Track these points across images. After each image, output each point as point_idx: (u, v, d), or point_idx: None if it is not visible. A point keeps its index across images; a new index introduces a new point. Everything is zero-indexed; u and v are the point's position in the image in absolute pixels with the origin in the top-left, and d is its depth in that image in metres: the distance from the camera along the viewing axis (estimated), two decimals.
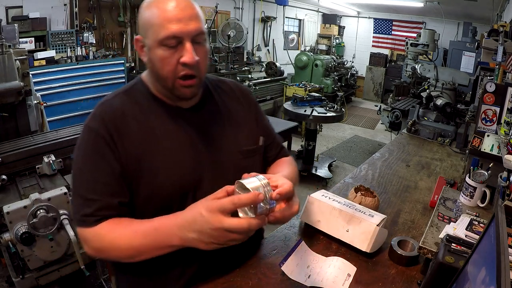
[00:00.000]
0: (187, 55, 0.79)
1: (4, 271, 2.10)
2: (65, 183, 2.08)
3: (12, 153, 2.10)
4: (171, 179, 0.86)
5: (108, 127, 0.83)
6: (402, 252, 1.08)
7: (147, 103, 0.90)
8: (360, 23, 9.51)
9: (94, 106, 0.90)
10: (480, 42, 3.70)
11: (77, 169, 0.85)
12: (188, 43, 0.79)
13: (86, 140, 0.85)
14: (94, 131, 0.83)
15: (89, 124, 0.85)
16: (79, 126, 2.65)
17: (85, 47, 4.37)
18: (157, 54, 0.80)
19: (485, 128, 1.82)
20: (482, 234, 0.70)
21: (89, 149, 0.84)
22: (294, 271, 0.99)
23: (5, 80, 2.32)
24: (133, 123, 0.86)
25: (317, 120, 3.93)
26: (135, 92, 0.92)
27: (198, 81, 0.86)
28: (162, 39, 0.78)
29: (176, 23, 0.77)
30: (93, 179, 0.82)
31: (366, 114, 7.74)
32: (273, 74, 6.00)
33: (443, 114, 3.08)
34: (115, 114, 0.85)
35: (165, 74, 0.82)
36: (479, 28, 6.42)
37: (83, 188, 0.82)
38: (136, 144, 0.85)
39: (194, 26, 0.79)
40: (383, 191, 1.64)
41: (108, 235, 0.80)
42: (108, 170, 0.82)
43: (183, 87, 0.84)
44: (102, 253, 0.83)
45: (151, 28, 0.79)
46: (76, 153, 0.86)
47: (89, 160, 0.84)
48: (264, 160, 1.09)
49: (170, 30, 0.77)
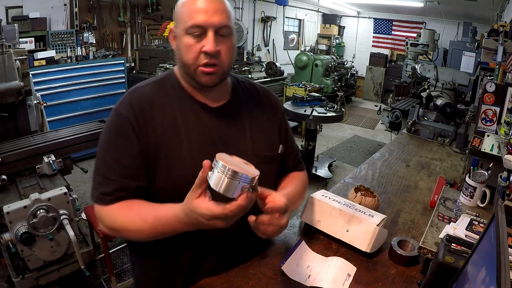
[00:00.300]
0: (208, 44, 0.84)
1: (4, 271, 2.10)
2: (65, 183, 2.08)
3: (12, 153, 2.11)
4: (184, 172, 0.87)
5: (136, 112, 0.88)
6: (402, 252, 1.08)
7: (175, 96, 0.94)
8: (360, 23, 9.51)
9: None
10: (480, 42, 3.70)
11: (101, 149, 0.90)
12: (211, 34, 0.84)
13: (113, 123, 0.90)
14: (122, 115, 0.88)
15: (118, 108, 0.91)
16: (79, 126, 2.65)
17: (85, 47, 4.37)
18: (183, 41, 0.86)
19: (485, 128, 1.82)
20: (482, 234, 0.70)
21: (114, 131, 0.89)
22: (294, 271, 0.99)
23: (5, 80, 2.32)
24: (159, 112, 0.90)
25: (317, 120, 3.93)
26: (166, 83, 0.96)
27: (221, 72, 0.89)
28: (188, 28, 0.84)
29: (202, 14, 0.83)
30: (115, 160, 0.87)
31: (366, 114, 7.74)
32: (273, 74, 5.99)
33: (443, 114, 3.08)
34: (143, 101, 0.90)
35: (188, 61, 0.87)
36: (479, 28, 6.42)
37: (105, 168, 0.87)
38: (159, 133, 0.89)
39: (218, 19, 0.84)
40: (383, 191, 1.64)
41: (120, 218, 0.85)
42: (130, 153, 0.86)
43: (204, 74, 0.87)
44: (114, 233, 0.89)
45: (181, 19, 0.86)
46: (102, 135, 0.91)
47: (113, 142, 0.88)
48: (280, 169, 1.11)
49: (195, 20, 0.83)
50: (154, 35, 5.50)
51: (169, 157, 0.88)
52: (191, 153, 0.89)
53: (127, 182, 0.85)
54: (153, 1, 5.29)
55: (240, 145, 0.96)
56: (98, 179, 0.88)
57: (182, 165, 0.88)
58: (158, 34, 5.53)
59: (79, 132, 2.48)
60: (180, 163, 0.88)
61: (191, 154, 0.89)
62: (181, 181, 0.84)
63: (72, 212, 1.97)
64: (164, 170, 0.88)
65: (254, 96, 1.06)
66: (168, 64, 4.52)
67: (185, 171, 0.87)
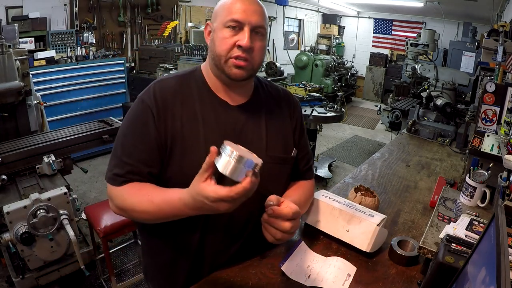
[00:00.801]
0: (243, 39, 0.88)
1: (4, 271, 2.10)
2: (65, 183, 2.08)
3: (12, 153, 2.10)
4: (196, 164, 0.87)
5: (157, 101, 0.91)
6: (402, 252, 1.08)
7: (198, 91, 0.97)
8: (360, 23, 9.51)
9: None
10: (480, 42, 3.70)
11: (120, 133, 0.94)
12: (247, 29, 0.88)
13: (135, 109, 0.94)
14: (144, 102, 0.92)
15: (142, 96, 0.94)
16: (79, 126, 2.65)
17: (85, 47, 4.37)
18: (219, 34, 0.90)
19: (485, 128, 1.82)
20: (482, 234, 0.70)
21: (135, 117, 0.93)
22: (294, 271, 0.99)
23: (5, 80, 2.32)
24: (180, 105, 0.94)
25: (317, 120, 3.93)
26: (191, 78, 1.00)
27: (250, 68, 0.92)
28: (226, 21, 0.89)
29: (241, 12, 0.88)
30: (131, 144, 0.91)
31: (366, 114, 7.74)
32: (273, 74, 5.99)
33: (443, 114, 3.07)
34: (166, 92, 0.94)
35: (221, 52, 0.90)
36: (479, 28, 6.42)
37: (121, 150, 0.91)
38: (178, 125, 0.92)
39: (256, 18, 0.89)
40: (383, 191, 1.64)
41: (130, 199, 0.88)
42: (147, 139, 0.90)
43: (234, 67, 0.91)
44: (123, 213, 0.91)
45: (221, 14, 0.91)
46: (124, 120, 0.96)
47: (132, 127, 0.93)
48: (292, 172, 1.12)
49: (235, 15, 0.88)
50: (154, 35, 5.50)
51: (184, 150, 0.91)
52: (205, 147, 0.90)
53: (140, 166, 0.89)
54: (153, 1, 5.29)
55: (254, 144, 0.97)
56: (114, 161, 0.92)
57: (196, 158, 0.89)
58: (158, 34, 5.52)
59: (79, 132, 2.48)
60: (194, 155, 0.90)
61: (205, 148, 0.90)
62: (192, 173, 0.85)
63: (72, 212, 1.97)
64: (177, 162, 0.91)
65: (275, 97, 1.09)
66: (168, 64, 4.53)
67: (197, 163, 0.87)
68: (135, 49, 5.20)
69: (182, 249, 0.99)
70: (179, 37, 5.88)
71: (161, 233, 1.00)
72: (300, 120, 1.13)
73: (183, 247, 0.99)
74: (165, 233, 0.99)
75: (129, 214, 0.90)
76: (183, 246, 0.99)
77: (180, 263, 1.01)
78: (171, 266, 1.03)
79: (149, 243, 1.08)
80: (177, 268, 1.02)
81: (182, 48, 5.01)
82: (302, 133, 1.13)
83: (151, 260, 1.09)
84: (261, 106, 1.04)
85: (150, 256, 1.09)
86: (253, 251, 1.06)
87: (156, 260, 1.06)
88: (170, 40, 5.66)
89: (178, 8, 5.80)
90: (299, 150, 1.11)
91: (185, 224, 0.90)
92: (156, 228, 0.96)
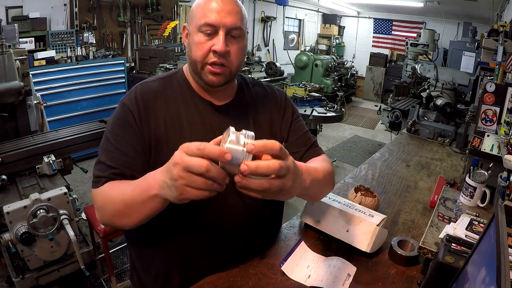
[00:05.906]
0: (218, 43, 0.85)
1: (4, 271, 2.10)
2: (65, 183, 2.08)
3: (12, 153, 2.11)
4: None
5: (139, 105, 0.90)
6: (402, 252, 1.08)
7: (181, 92, 0.96)
8: (360, 23, 9.52)
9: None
10: (480, 42, 3.70)
11: (104, 138, 0.92)
12: (222, 33, 0.85)
13: (117, 114, 0.93)
14: (125, 106, 0.91)
15: (123, 100, 0.94)
16: (79, 126, 2.65)
17: (85, 47, 4.37)
18: (194, 38, 0.88)
19: (485, 128, 1.82)
20: (482, 234, 0.70)
21: (117, 121, 0.91)
22: (294, 271, 0.99)
23: (5, 80, 2.32)
24: (162, 107, 0.92)
25: (317, 120, 3.93)
26: (173, 79, 0.98)
27: (228, 73, 0.90)
28: (200, 26, 0.86)
29: (215, 14, 0.85)
30: (115, 148, 0.88)
31: (366, 114, 7.74)
32: (273, 74, 5.99)
33: (443, 114, 3.07)
34: (148, 94, 0.93)
35: (197, 58, 0.88)
36: (479, 28, 6.42)
37: (105, 155, 0.89)
38: (161, 127, 0.90)
39: (231, 20, 0.85)
40: (383, 191, 1.64)
41: (109, 192, 0.83)
42: (130, 143, 0.88)
43: (211, 74, 0.88)
44: (102, 211, 0.83)
45: (195, 17, 0.88)
46: (107, 124, 0.95)
47: (115, 131, 0.90)
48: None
49: (208, 19, 0.85)
50: (154, 35, 5.50)
51: (169, 151, 0.81)
52: None
53: (123, 169, 0.86)
54: (153, 1, 5.29)
55: None
56: (98, 166, 0.89)
57: None
58: (158, 34, 5.53)
59: (79, 132, 2.48)
60: None
61: None
62: None
63: (72, 212, 1.97)
64: (163, 163, 0.80)
65: (260, 94, 1.07)
66: (168, 64, 4.52)
67: None
68: (135, 49, 5.20)
69: (173, 259, 0.97)
70: (179, 37, 5.87)
71: (152, 242, 0.97)
72: (288, 109, 1.07)
73: (175, 256, 0.96)
74: (156, 242, 0.96)
75: (106, 210, 0.82)
76: (174, 254, 0.96)
77: (173, 271, 0.98)
78: (165, 275, 0.99)
79: (139, 256, 1.04)
80: (171, 277, 0.99)
81: (182, 48, 5.01)
82: (293, 118, 1.07)
83: (143, 274, 1.04)
84: (246, 103, 1.02)
85: (142, 269, 1.04)
86: (244, 256, 1.04)
87: (149, 271, 1.01)
88: (170, 40, 5.66)
89: (178, 8, 5.80)
90: (293, 133, 1.06)
91: (175, 231, 0.88)
92: (147, 238, 0.94)
